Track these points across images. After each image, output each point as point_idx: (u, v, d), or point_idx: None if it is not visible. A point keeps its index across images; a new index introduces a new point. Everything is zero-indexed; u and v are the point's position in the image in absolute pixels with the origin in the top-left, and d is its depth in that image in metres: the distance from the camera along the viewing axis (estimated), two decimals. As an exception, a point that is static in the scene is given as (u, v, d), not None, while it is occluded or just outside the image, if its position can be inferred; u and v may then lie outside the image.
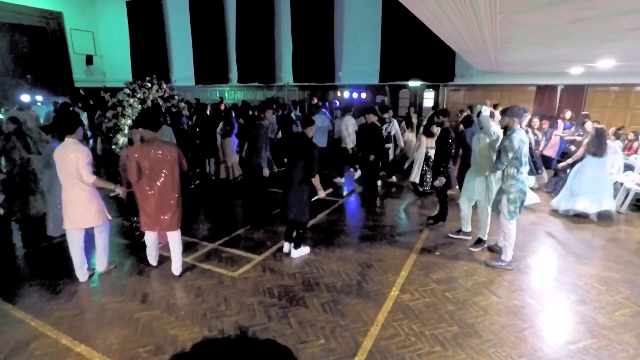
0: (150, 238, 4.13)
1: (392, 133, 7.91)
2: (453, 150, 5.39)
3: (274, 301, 3.62)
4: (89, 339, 3.08)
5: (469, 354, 2.91)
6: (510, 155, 4.01)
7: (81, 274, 3.96)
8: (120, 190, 4.02)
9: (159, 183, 3.78)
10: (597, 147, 5.81)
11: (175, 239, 3.98)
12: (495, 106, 9.70)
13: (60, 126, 3.94)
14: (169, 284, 3.93)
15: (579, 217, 5.93)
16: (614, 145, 6.18)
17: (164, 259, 4.47)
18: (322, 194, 4.40)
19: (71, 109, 9.93)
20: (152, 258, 4.26)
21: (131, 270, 4.24)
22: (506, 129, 4.17)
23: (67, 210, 3.79)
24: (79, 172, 3.63)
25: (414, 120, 10.38)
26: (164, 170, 3.76)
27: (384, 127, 7.46)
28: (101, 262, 4.12)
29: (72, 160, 3.61)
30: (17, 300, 3.64)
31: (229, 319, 3.34)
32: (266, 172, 5.30)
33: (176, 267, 4.06)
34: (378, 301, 3.62)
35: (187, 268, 4.27)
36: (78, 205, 3.77)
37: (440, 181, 5.16)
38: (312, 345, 3.00)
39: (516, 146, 3.97)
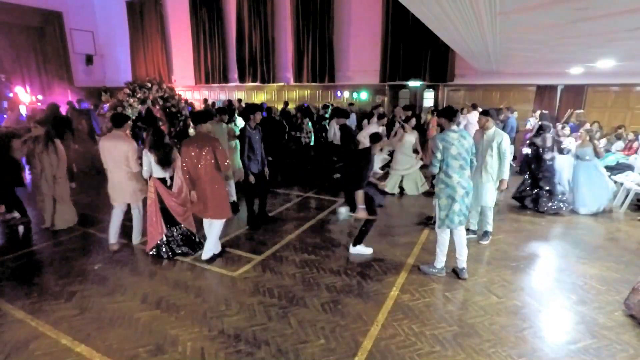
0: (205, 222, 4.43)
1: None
2: None
3: (274, 301, 3.62)
4: (89, 339, 3.08)
5: (469, 354, 2.91)
6: (439, 155, 3.83)
7: (113, 239, 4.71)
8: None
9: (198, 172, 4.13)
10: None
11: (214, 224, 4.34)
12: (473, 106, 9.63)
13: (112, 120, 4.64)
14: (169, 284, 3.93)
15: (578, 216, 5.95)
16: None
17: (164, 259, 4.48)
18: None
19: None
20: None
21: (131, 270, 4.24)
22: (442, 128, 4.05)
23: (112, 190, 4.60)
24: (128, 161, 4.38)
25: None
26: (203, 161, 4.08)
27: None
28: (135, 236, 4.89)
29: (123, 150, 4.35)
30: (17, 300, 3.64)
31: (229, 319, 3.34)
32: (251, 179, 5.19)
33: (204, 252, 4.42)
34: (378, 301, 3.62)
35: (187, 268, 4.28)
36: (121, 186, 4.53)
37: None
38: (312, 345, 3.00)
39: (439, 146, 3.80)
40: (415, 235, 5.24)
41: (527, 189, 6.32)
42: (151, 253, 4.51)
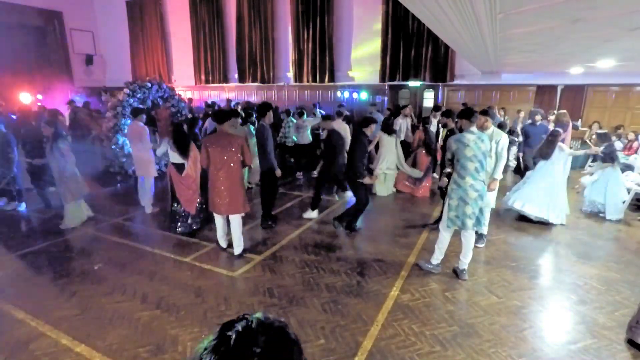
0: (217, 220, 4.62)
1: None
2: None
3: (274, 301, 3.62)
4: (89, 339, 3.08)
5: (469, 354, 2.91)
6: (448, 155, 3.89)
7: (147, 209, 6.13)
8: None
9: (222, 169, 4.27)
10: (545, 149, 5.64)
11: (235, 221, 4.48)
12: (464, 105, 9.58)
13: (131, 112, 6.23)
14: (169, 284, 3.93)
15: (578, 217, 5.95)
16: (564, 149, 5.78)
17: (164, 259, 4.48)
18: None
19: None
20: (221, 240, 4.72)
21: (131, 270, 4.24)
22: (461, 130, 4.01)
23: (136, 165, 6.09)
24: (142, 138, 5.85)
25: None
26: (225, 158, 4.22)
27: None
28: (147, 206, 6.14)
29: (139, 132, 5.86)
30: (17, 300, 3.64)
31: (229, 319, 3.32)
32: (278, 172, 5.32)
33: (235, 248, 4.58)
34: (378, 301, 3.62)
35: (187, 268, 4.28)
36: (142, 162, 5.93)
37: (444, 182, 5.07)
38: (312, 345, 3.00)
39: (452, 147, 3.80)
40: (415, 236, 5.24)
41: None
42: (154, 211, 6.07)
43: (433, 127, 7.86)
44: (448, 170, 4.06)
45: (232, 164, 4.23)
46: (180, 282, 3.98)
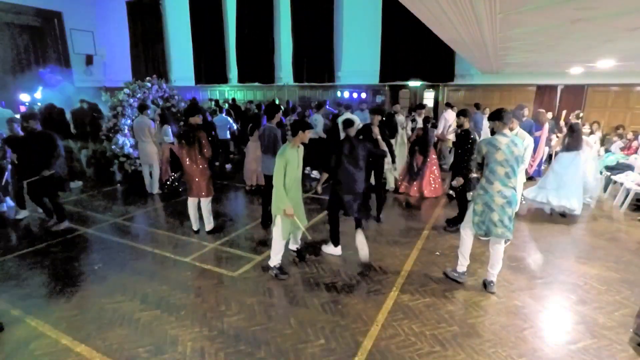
0: (189, 205, 5.21)
1: None
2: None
3: (274, 301, 3.62)
4: (89, 339, 3.08)
5: (469, 354, 2.91)
6: (478, 159, 3.69)
7: (150, 188, 7.19)
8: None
9: (190, 158, 4.93)
10: (570, 142, 5.75)
11: (203, 203, 5.14)
12: (448, 104, 9.51)
13: (138, 108, 7.15)
14: (169, 284, 3.93)
15: (578, 216, 5.95)
16: (588, 141, 6.10)
17: (164, 259, 4.48)
18: None
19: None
20: (194, 224, 5.30)
21: (131, 270, 4.24)
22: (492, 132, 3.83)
23: (141, 155, 7.06)
24: (149, 131, 6.80)
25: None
26: (190, 149, 4.87)
27: None
28: (154, 188, 7.19)
29: (144, 126, 6.73)
30: (17, 300, 3.64)
31: (229, 319, 3.34)
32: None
33: (205, 226, 5.25)
34: (378, 301, 3.62)
35: (187, 268, 4.28)
36: (145, 152, 6.89)
37: (458, 181, 4.92)
38: (312, 345, 3.00)
39: (482, 150, 3.58)
40: (415, 235, 5.24)
41: None
42: (163, 189, 7.21)
43: (411, 125, 8.01)
44: (475, 175, 3.91)
45: (196, 154, 4.88)
46: (180, 282, 3.98)
